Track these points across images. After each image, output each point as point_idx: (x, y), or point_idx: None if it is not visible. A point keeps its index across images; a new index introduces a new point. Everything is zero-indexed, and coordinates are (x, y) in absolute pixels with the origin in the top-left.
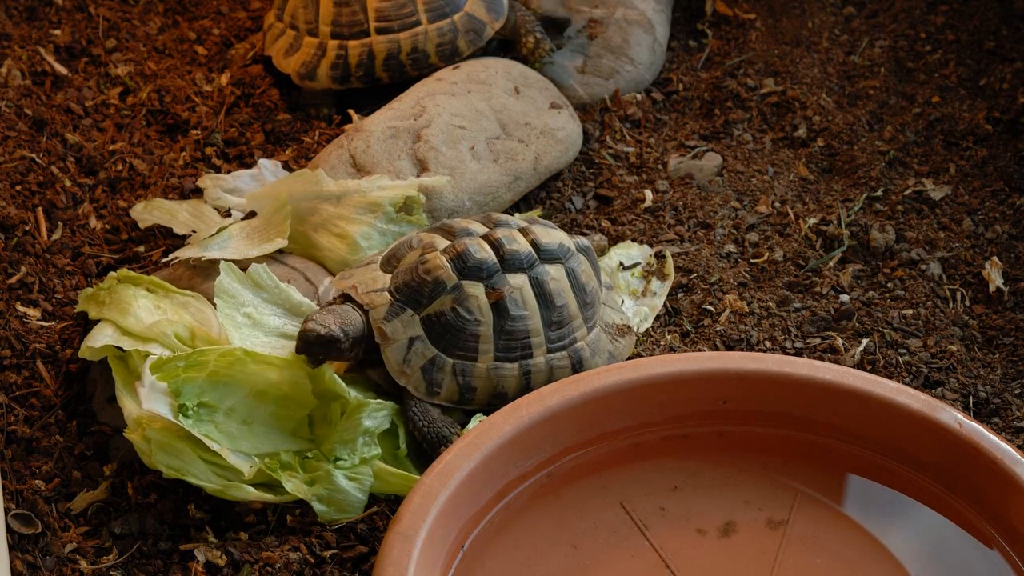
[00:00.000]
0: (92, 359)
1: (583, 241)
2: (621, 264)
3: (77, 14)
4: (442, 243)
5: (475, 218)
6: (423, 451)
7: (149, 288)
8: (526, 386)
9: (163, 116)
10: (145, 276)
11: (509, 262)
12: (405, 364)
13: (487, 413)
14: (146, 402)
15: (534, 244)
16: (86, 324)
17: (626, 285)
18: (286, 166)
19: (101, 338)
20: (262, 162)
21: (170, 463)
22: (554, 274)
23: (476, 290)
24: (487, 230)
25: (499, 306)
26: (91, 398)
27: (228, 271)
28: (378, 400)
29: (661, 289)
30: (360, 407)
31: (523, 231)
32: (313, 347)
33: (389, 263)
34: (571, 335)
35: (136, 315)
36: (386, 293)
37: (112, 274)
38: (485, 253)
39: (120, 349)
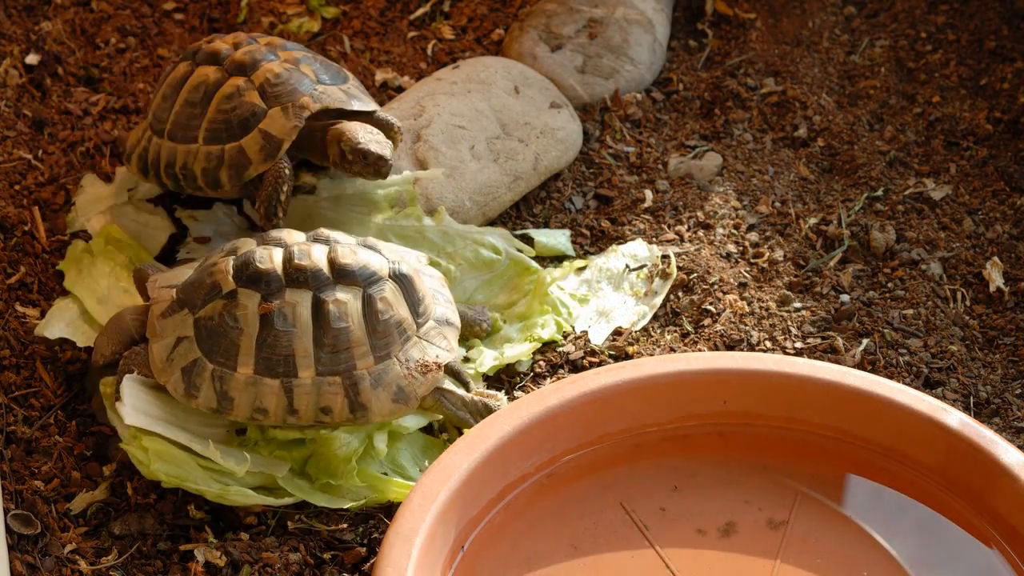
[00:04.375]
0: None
1: (402, 268)
2: (627, 267)
3: (76, 11)
4: (246, 248)
5: (311, 233)
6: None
7: (132, 258)
8: (288, 404)
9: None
10: (132, 242)
11: (294, 277)
12: (167, 362)
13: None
14: (128, 418)
15: (332, 263)
16: None
17: (630, 286)
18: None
19: (57, 325)
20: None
21: (169, 471)
22: (341, 297)
23: (249, 300)
24: (298, 243)
25: (265, 319)
26: (90, 398)
27: None
28: (344, 433)
29: (662, 288)
30: (329, 441)
31: (333, 249)
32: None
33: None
34: (350, 361)
35: (102, 295)
36: (173, 291)
37: (105, 227)
38: (270, 265)
39: (75, 346)
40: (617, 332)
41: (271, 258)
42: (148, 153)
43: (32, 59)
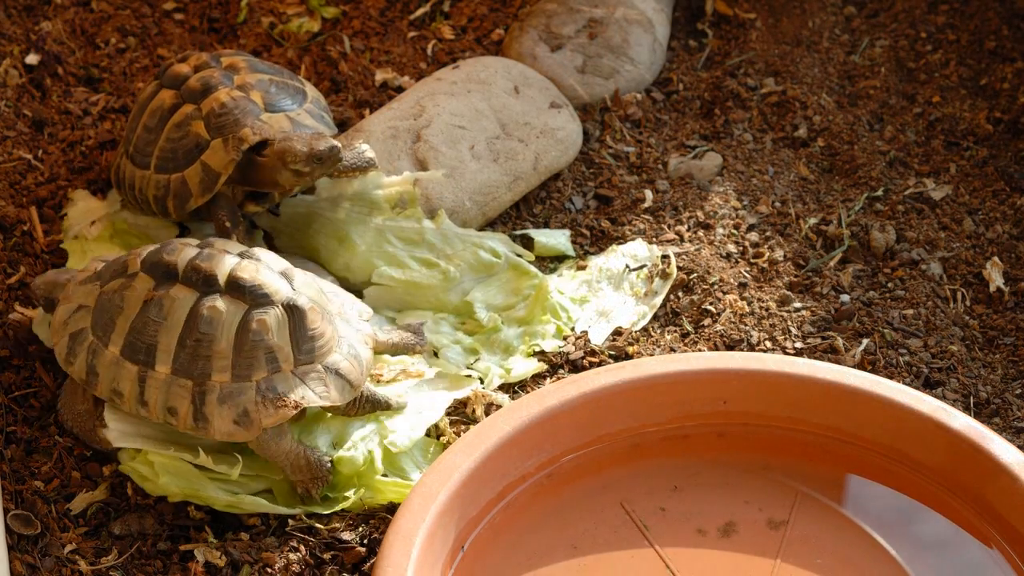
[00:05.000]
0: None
1: (298, 301)
2: (627, 267)
3: (76, 11)
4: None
5: (249, 249)
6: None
7: (135, 245)
8: (140, 394)
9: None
10: (140, 233)
11: (188, 276)
12: (63, 325)
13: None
14: (116, 441)
15: (231, 276)
16: None
17: (630, 286)
18: None
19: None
20: None
21: (178, 484)
22: (219, 306)
23: (142, 284)
24: (219, 250)
25: (145, 305)
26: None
27: None
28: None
29: (662, 288)
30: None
31: (240, 263)
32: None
33: None
34: (206, 370)
35: None
36: (100, 262)
37: (111, 221)
38: (174, 258)
39: None
40: (617, 332)
41: (181, 253)
42: (119, 172)
43: (32, 59)
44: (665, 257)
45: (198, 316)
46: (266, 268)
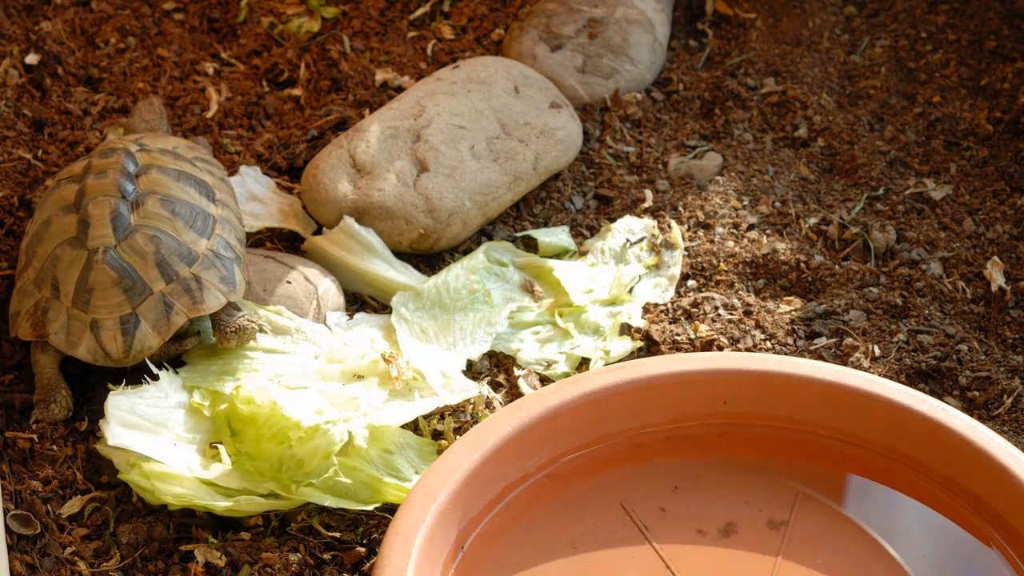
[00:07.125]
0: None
1: (102, 258)
2: (628, 241)
3: (76, 11)
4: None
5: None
6: None
7: None
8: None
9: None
10: None
11: (87, 177)
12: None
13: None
14: (111, 438)
15: (88, 206)
16: None
17: (636, 259)
18: (281, 173)
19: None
20: (243, 169)
21: (175, 493)
22: (62, 221)
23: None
24: (127, 186)
25: (57, 182)
26: (91, 400)
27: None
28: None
29: (673, 258)
30: (312, 430)
31: (108, 199)
32: None
33: None
34: (26, 264)
35: None
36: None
37: None
38: (101, 163)
39: None
40: (646, 309)
41: (102, 171)
42: None
43: (32, 59)
44: (663, 226)
45: (49, 218)
46: (118, 213)
